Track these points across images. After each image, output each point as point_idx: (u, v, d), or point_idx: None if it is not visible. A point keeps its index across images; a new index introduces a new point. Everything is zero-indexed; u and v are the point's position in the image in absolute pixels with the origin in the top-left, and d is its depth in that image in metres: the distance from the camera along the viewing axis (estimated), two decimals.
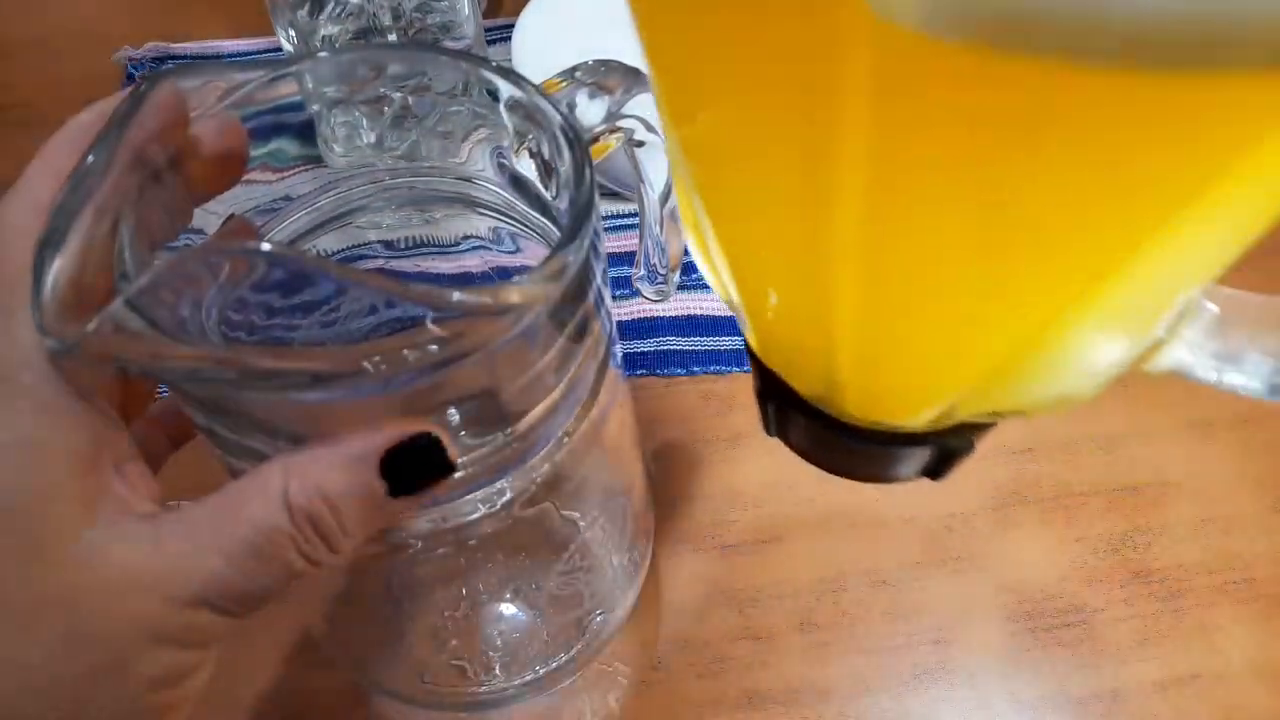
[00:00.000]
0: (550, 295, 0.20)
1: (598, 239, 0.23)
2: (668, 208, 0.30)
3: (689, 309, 0.48)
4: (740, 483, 0.43)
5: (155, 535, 0.18)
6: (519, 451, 0.24)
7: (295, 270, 0.18)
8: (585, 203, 0.21)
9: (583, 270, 0.22)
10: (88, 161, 0.17)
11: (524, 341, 0.21)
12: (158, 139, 0.20)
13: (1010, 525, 0.42)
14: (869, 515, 0.42)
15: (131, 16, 0.61)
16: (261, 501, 0.18)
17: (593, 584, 0.35)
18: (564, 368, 0.23)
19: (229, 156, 0.23)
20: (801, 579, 0.40)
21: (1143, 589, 0.40)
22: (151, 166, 0.20)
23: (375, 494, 0.19)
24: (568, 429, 0.25)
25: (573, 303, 0.22)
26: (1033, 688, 0.38)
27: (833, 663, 0.38)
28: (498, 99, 0.25)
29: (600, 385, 0.26)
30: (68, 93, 0.56)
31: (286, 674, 0.38)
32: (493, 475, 0.24)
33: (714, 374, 0.46)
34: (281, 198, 0.26)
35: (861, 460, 0.24)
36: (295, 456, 0.19)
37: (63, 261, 0.17)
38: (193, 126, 0.22)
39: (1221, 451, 0.44)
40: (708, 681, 0.38)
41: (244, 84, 0.23)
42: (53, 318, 0.16)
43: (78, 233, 0.17)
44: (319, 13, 0.43)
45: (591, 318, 0.24)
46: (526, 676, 0.35)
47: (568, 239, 0.20)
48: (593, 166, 0.23)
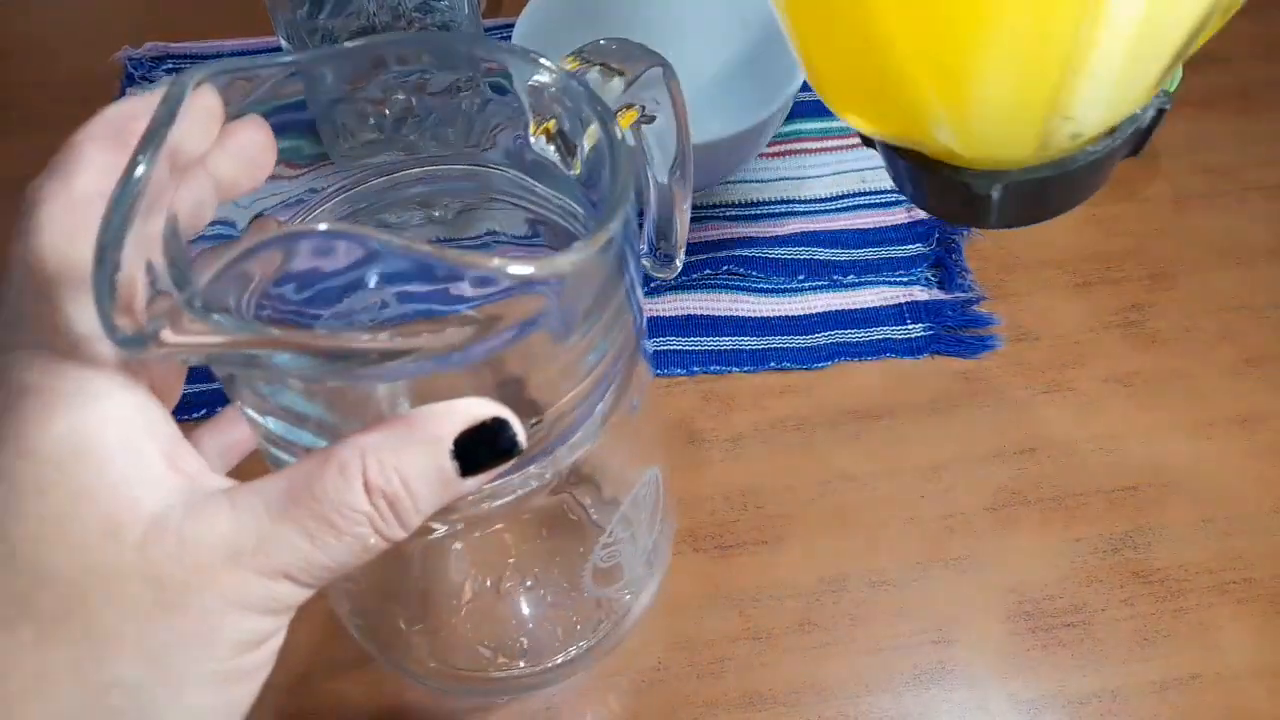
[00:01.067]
0: (593, 267, 0.20)
1: (631, 223, 0.23)
2: (675, 179, 0.31)
3: (689, 309, 0.48)
4: (740, 483, 0.43)
5: (233, 510, 0.20)
6: (553, 437, 0.24)
7: (367, 248, 0.18)
8: (621, 175, 0.22)
9: (621, 248, 0.22)
10: (138, 167, 0.18)
11: (563, 320, 0.21)
12: (195, 139, 0.21)
13: (1010, 525, 0.42)
14: (869, 515, 0.42)
15: (131, 16, 0.61)
16: (338, 482, 0.20)
17: (623, 564, 0.35)
18: (598, 350, 0.24)
19: (258, 155, 0.23)
20: (801, 579, 0.40)
21: (1143, 589, 0.40)
22: (185, 164, 0.21)
23: (448, 474, 0.21)
24: (602, 414, 0.26)
25: (613, 280, 0.23)
26: (1033, 688, 0.38)
27: (833, 663, 0.38)
28: (511, 83, 0.25)
29: (632, 373, 0.26)
30: (68, 93, 0.56)
31: (306, 664, 0.38)
32: (528, 460, 0.24)
33: (714, 374, 0.46)
34: (307, 190, 0.26)
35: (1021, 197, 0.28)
36: (369, 439, 0.20)
37: (120, 261, 0.17)
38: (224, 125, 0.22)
39: (1221, 451, 0.44)
40: (708, 681, 0.38)
41: (268, 79, 0.23)
42: (118, 315, 0.17)
43: (132, 233, 0.17)
44: (319, 12, 0.43)
45: (624, 309, 0.24)
46: (551, 662, 0.35)
47: (610, 212, 0.21)
48: (624, 138, 0.23)
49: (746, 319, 0.48)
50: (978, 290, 0.48)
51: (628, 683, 0.38)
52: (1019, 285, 0.49)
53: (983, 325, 0.47)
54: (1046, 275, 0.49)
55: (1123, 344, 0.47)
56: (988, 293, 0.49)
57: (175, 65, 0.58)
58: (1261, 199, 0.52)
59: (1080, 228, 0.51)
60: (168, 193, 0.20)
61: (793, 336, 0.47)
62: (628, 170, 0.22)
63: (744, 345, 0.47)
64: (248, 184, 0.24)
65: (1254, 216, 0.52)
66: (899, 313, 0.48)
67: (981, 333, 0.47)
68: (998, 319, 0.48)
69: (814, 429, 0.44)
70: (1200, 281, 0.49)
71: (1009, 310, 0.48)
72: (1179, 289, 0.49)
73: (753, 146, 0.49)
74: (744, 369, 0.46)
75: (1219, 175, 0.53)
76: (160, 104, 0.19)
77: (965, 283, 0.49)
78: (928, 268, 0.49)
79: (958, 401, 0.45)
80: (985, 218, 0.29)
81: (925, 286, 0.49)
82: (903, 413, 0.45)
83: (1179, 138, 0.55)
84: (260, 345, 0.18)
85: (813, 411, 0.45)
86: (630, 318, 0.25)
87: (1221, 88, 0.57)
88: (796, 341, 0.47)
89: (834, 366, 0.46)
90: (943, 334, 0.47)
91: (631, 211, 0.23)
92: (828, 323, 0.48)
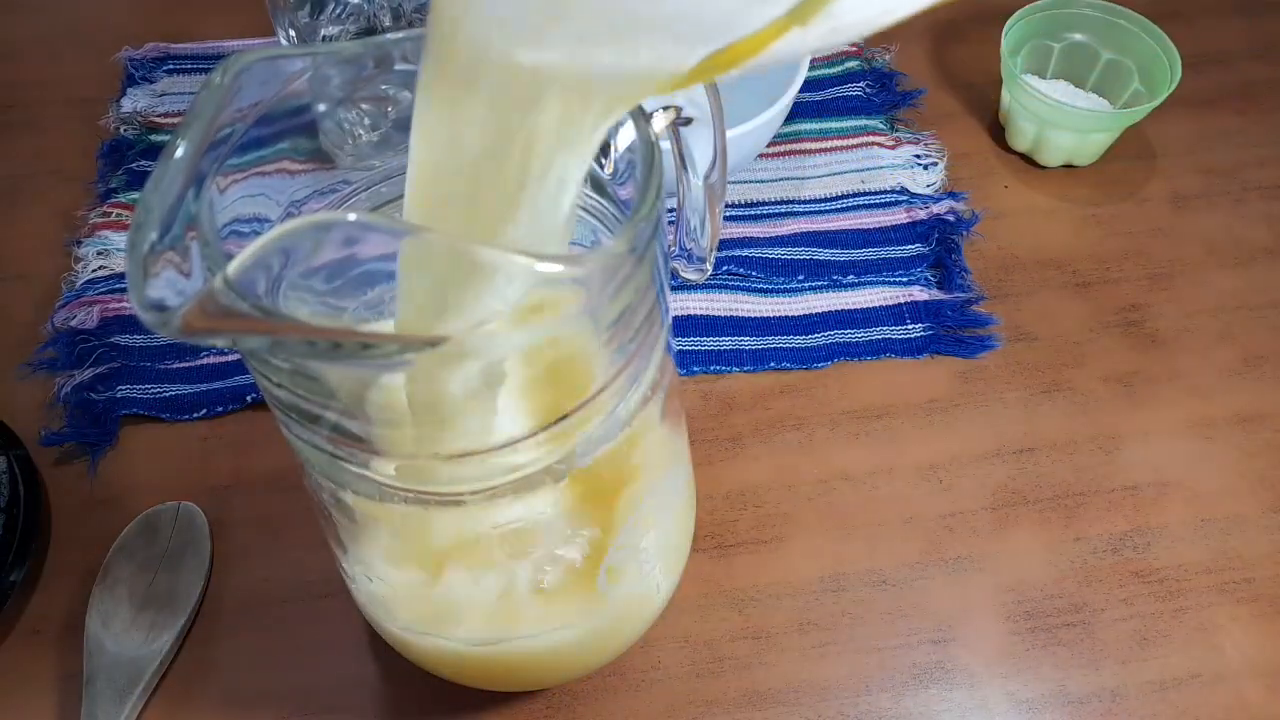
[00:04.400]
0: (622, 265, 0.20)
1: (661, 222, 0.23)
2: (710, 182, 0.31)
3: (689, 309, 0.48)
4: (740, 483, 0.43)
5: None
6: (576, 434, 0.25)
7: (396, 238, 0.18)
8: (654, 176, 0.22)
9: (651, 248, 0.22)
10: (178, 149, 0.18)
11: (591, 318, 0.21)
12: (234, 123, 0.22)
13: (1010, 525, 0.42)
14: (869, 515, 0.42)
15: (131, 16, 0.61)
16: None
17: (639, 566, 0.35)
18: (625, 349, 0.24)
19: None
20: (801, 579, 0.40)
21: (1143, 589, 0.40)
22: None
23: None
24: (625, 414, 0.26)
25: (641, 279, 0.23)
26: (1032, 688, 0.38)
27: (833, 663, 0.38)
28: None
29: (658, 370, 0.27)
30: (68, 93, 0.56)
31: (313, 662, 0.38)
32: (557, 441, 0.24)
33: (714, 374, 0.46)
34: (340, 181, 0.27)
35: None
36: None
37: (154, 241, 0.18)
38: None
39: (1221, 451, 0.44)
40: (708, 681, 0.38)
41: (304, 72, 0.24)
42: (151, 294, 0.18)
43: (168, 214, 0.18)
44: (319, 13, 0.43)
45: (653, 309, 0.24)
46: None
47: (640, 212, 0.21)
48: (657, 139, 0.23)
49: (746, 319, 0.48)
50: (977, 290, 0.49)
51: (627, 682, 0.38)
52: (1018, 285, 0.49)
53: (982, 325, 0.48)
54: (1046, 275, 0.49)
55: (1122, 344, 0.47)
56: (987, 293, 0.49)
57: (175, 65, 0.58)
58: (1261, 199, 0.52)
59: (1080, 228, 0.51)
60: (206, 176, 0.20)
61: (793, 336, 0.47)
62: (659, 171, 0.22)
63: (744, 345, 0.47)
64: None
65: (1253, 216, 0.52)
66: (899, 313, 0.48)
67: (981, 333, 0.47)
68: (997, 319, 0.48)
69: (814, 429, 0.45)
70: (1200, 281, 0.49)
71: (1008, 310, 0.48)
72: (1178, 289, 0.49)
73: (753, 147, 0.49)
74: (744, 369, 0.46)
75: (1218, 175, 0.53)
76: (201, 90, 0.20)
77: (965, 283, 0.49)
78: (927, 268, 0.49)
79: (958, 401, 0.45)
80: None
81: (925, 286, 0.49)
82: (903, 413, 0.45)
83: (1179, 138, 0.55)
84: (289, 332, 0.19)
85: (813, 411, 0.45)
86: (658, 317, 0.25)
87: (1221, 88, 0.57)
88: (796, 341, 0.47)
89: (834, 366, 0.46)
90: (942, 334, 0.47)
91: (662, 212, 0.23)
92: (828, 323, 0.48)
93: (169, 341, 0.46)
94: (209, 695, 0.38)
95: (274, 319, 0.19)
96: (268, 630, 0.39)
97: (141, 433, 0.45)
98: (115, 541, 0.40)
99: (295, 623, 0.39)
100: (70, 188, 0.52)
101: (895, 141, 0.54)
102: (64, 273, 0.49)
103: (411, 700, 0.38)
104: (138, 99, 0.55)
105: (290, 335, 0.19)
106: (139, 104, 0.55)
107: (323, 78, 0.25)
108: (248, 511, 0.42)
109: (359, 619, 0.39)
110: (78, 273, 0.49)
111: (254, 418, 0.45)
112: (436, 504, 0.26)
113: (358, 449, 0.24)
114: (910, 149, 0.54)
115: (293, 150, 0.25)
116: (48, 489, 0.43)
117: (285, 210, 0.26)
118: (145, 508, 0.41)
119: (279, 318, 0.19)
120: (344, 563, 0.31)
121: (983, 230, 0.51)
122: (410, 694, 0.38)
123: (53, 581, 0.41)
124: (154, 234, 0.18)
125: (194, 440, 0.44)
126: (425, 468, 0.25)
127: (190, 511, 0.41)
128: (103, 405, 0.45)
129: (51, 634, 0.39)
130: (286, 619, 0.39)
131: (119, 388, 0.45)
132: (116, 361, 0.46)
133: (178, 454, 0.44)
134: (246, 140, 0.23)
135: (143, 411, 0.45)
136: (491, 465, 0.25)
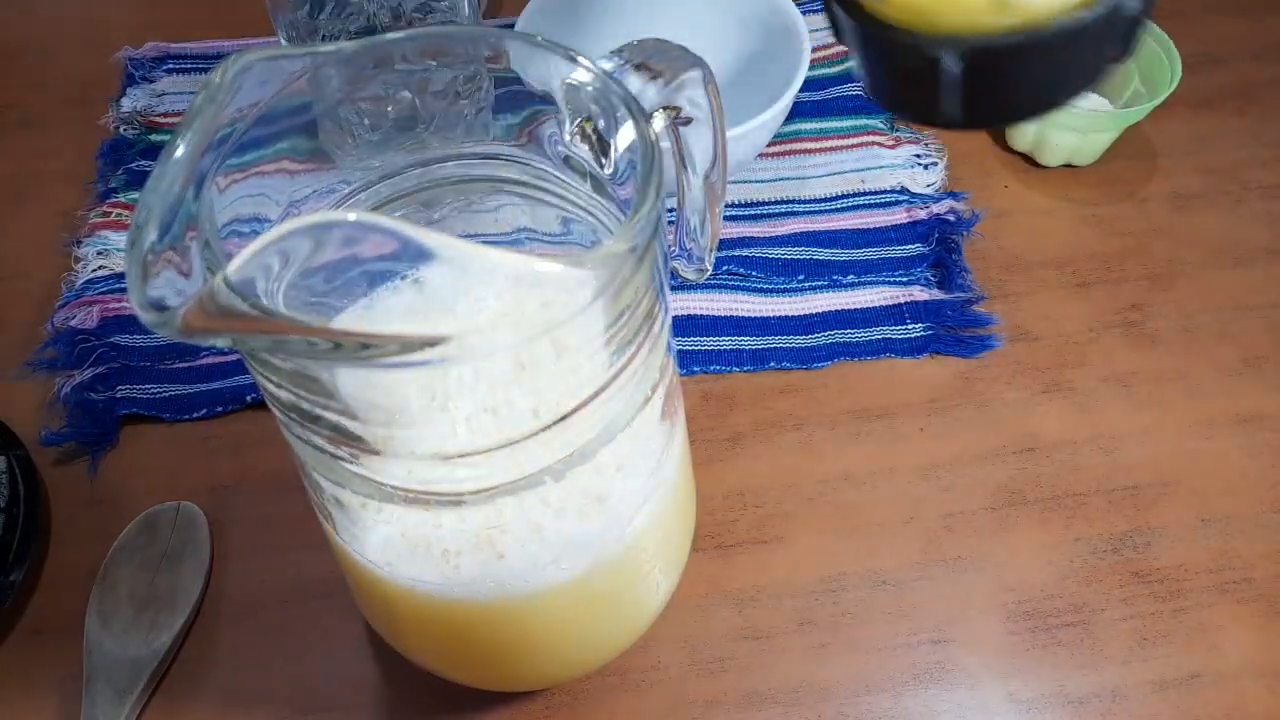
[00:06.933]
0: (621, 265, 0.20)
1: (661, 222, 0.23)
2: (710, 182, 0.31)
3: (689, 309, 0.48)
4: (740, 483, 0.43)
5: None
6: (575, 433, 0.25)
7: (396, 239, 0.19)
8: (654, 175, 0.22)
9: (651, 247, 0.22)
10: (177, 149, 0.18)
11: (590, 317, 0.21)
12: (233, 123, 0.22)
13: (1010, 525, 0.42)
14: (869, 515, 0.42)
15: (131, 16, 0.61)
16: None
17: (656, 549, 0.35)
18: (625, 348, 0.24)
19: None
20: (801, 579, 0.40)
21: (1143, 589, 0.40)
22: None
23: None
24: (627, 412, 0.26)
25: (641, 279, 0.23)
26: (1032, 688, 0.38)
27: (833, 663, 0.38)
28: (527, 81, 0.25)
29: (659, 370, 0.27)
30: (68, 93, 0.56)
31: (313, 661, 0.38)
32: (557, 441, 0.24)
33: (714, 374, 0.46)
34: (340, 181, 0.27)
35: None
36: None
37: (154, 241, 0.18)
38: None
39: (1221, 451, 0.44)
40: (708, 681, 0.38)
41: (303, 72, 0.24)
42: (150, 294, 0.18)
43: (168, 214, 0.18)
44: (319, 13, 0.43)
45: (653, 308, 0.24)
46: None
47: (639, 212, 0.21)
48: (657, 139, 0.23)
49: (746, 319, 0.48)
50: (977, 290, 0.48)
51: (627, 682, 0.38)
52: (1019, 285, 0.49)
53: (982, 325, 0.47)
54: (1046, 275, 0.49)
55: (1122, 344, 0.47)
56: (987, 293, 0.49)
57: (175, 65, 0.58)
58: (1261, 199, 0.52)
59: (1080, 228, 0.51)
60: (206, 176, 0.20)
61: (793, 336, 0.47)
62: (659, 171, 0.22)
63: (744, 345, 0.47)
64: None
65: (1253, 216, 0.52)
66: (899, 313, 0.48)
67: (981, 332, 0.47)
68: (997, 319, 0.48)
69: (814, 429, 0.45)
70: (1200, 281, 0.49)
71: (1009, 310, 0.48)
72: (1178, 289, 0.49)
73: (753, 147, 0.49)
74: (744, 369, 0.46)
75: (1218, 175, 0.53)
76: (201, 89, 0.20)
77: (965, 283, 0.49)
78: (927, 268, 0.49)
79: (957, 401, 0.45)
80: (947, 103, 0.24)
81: (925, 286, 0.49)
82: (902, 413, 0.45)
83: (1179, 138, 0.55)
84: (289, 332, 0.19)
85: (813, 411, 0.45)
86: (659, 317, 0.25)
87: (1221, 88, 0.57)
88: (796, 341, 0.47)
89: (834, 366, 0.46)
90: (942, 334, 0.47)
91: (662, 211, 0.23)
92: (828, 323, 0.48)
93: (169, 341, 0.46)
94: (209, 695, 0.38)
95: (274, 319, 0.19)
96: (267, 630, 0.39)
97: (141, 433, 0.45)
98: (115, 541, 0.40)
99: (295, 622, 0.39)
100: (70, 188, 0.52)
101: (895, 141, 0.54)
102: (64, 273, 0.49)
103: (411, 700, 0.38)
104: (138, 99, 0.55)
105: (290, 335, 0.19)
106: (139, 104, 0.55)
107: (323, 78, 0.25)
108: (248, 511, 0.42)
109: (359, 619, 0.39)
110: (77, 273, 0.49)
111: (254, 418, 0.45)
112: (437, 504, 0.26)
113: (358, 449, 0.24)
114: (910, 148, 0.54)
115: (292, 150, 0.25)
116: (48, 489, 0.43)
117: (285, 210, 0.26)
118: (145, 508, 0.41)
119: (279, 318, 0.19)
120: (341, 557, 0.31)
121: (983, 230, 0.51)
122: (410, 694, 0.38)
123: (53, 581, 0.41)
124: (154, 234, 0.18)
125: (194, 440, 0.44)
126: (425, 468, 0.25)
127: (190, 511, 0.41)
128: (103, 405, 0.45)
129: (51, 634, 0.39)
130: (286, 619, 0.39)
131: (119, 388, 0.45)
132: (116, 361, 0.46)
133: (178, 454, 0.44)
134: (246, 140, 0.23)
135: (143, 411, 0.45)
136: (492, 465, 0.25)
